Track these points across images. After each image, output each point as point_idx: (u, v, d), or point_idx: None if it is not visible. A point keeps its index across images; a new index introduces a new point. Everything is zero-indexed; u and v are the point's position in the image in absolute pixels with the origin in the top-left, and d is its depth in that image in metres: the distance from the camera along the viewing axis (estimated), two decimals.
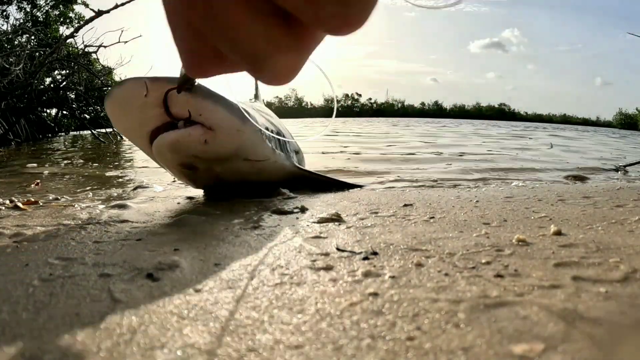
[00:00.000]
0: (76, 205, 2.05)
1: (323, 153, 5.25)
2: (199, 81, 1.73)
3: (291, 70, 0.34)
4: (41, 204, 2.10)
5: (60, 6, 13.09)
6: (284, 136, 2.47)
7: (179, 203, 2.09)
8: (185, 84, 1.67)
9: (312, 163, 3.46)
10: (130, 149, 7.18)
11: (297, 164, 2.65)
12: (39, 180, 3.02)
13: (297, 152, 2.97)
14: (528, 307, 0.83)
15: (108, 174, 3.92)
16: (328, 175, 3.03)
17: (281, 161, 2.33)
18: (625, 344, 0.70)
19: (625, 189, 2.42)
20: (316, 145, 6.16)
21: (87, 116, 12.78)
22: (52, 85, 11.51)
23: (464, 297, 0.89)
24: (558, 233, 1.38)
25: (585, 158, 5.45)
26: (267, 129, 2.24)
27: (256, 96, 3.66)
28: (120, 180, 3.44)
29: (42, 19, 12.52)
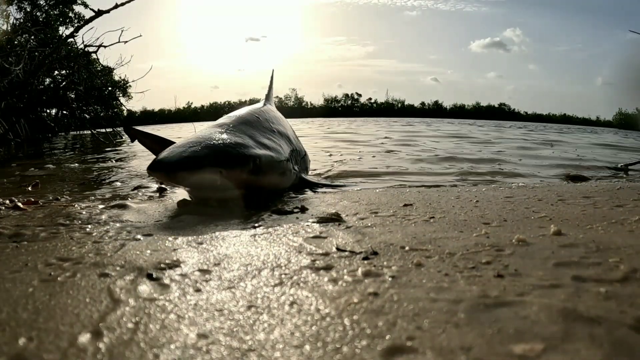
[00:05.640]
0: (76, 205, 2.04)
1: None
2: None
3: None
4: (41, 204, 2.10)
5: (60, 6, 13.07)
6: (291, 154, 2.63)
7: (178, 203, 2.09)
8: None
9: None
10: (130, 149, 7.17)
11: (303, 175, 2.71)
12: (38, 180, 3.02)
13: (304, 156, 3.01)
14: (528, 307, 0.83)
15: (108, 173, 3.92)
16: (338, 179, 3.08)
17: (286, 179, 2.46)
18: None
19: (625, 189, 2.42)
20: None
21: (87, 116, 12.78)
22: (52, 85, 11.50)
23: (464, 297, 0.89)
24: (558, 233, 1.38)
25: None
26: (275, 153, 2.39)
27: (268, 97, 3.65)
28: (120, 180, 3.44)
29: (42, 19, 12.50)
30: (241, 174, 1.98)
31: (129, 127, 3.07)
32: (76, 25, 11.77)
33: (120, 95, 13.30)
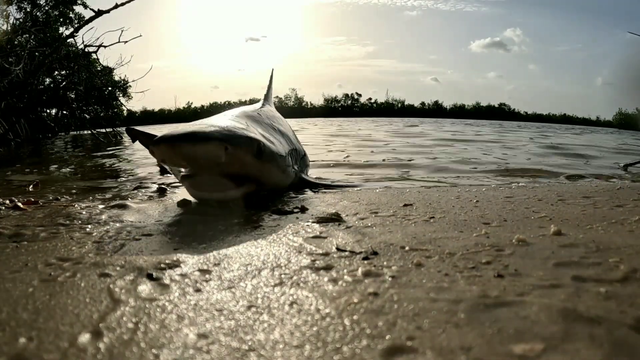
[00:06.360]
0: (76, 205, 2.04)
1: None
2: None
3: None
4: (41, 204, 2.10)
5: (60, 6, 13.07)
6: (291, 153, 2.63)
7: (178, 203, 2.09)
8: None
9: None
10: (129, 149, 7.17)
11: (303, 175, 2.72)
12: (37, 181, 3.02)
13: (303, 156, 3.02)
14: (528, 307, 0.83)
15: (108, 173, 3.92)
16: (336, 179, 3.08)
17: (286, 176, 2.46)
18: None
19: (625, 189, 2.42)
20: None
21: (87, 116, 12.80)
22: (52, 85, 11.50)
23: (464, 297, 0.89)
24: (558, 233, 1.38)
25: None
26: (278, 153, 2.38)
27: (267, 97, 3.65)
28: (120, 180, 3.44)
29: (42, 19, 12.50)
30: (245, 156, 1.96)
31: (130, 127, 3.08)
32: (76, 25, 11.77)
33: (120, 95, 13.32)
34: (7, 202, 2.06)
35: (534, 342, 0.70)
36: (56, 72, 11.75)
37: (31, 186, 2.82)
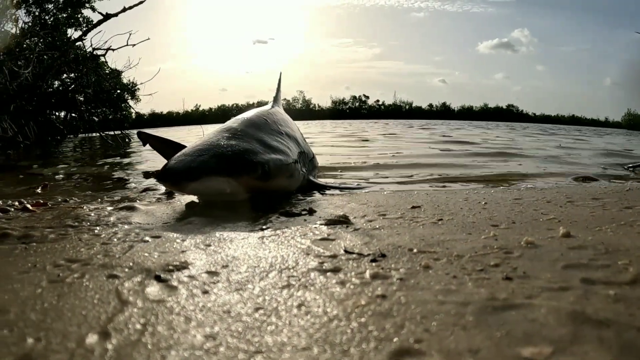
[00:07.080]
0: (85, 207, 2.06)
1: None
2: None
3: None
4: (50, 205, 2.12)
5: (69, 9, 13.17)
6: (299, 156, 2.63)
7: (186, 205, 2.10)
8: None
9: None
10: (138, 151, 7.20)
11: (311, 178, 2.73)
12: (46, 182, 3.04)
13: (311, 159, 3.03)
14: (536, 309, 0.83)
15: (116, 176, 3.94)
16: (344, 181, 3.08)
17: (294, 182, 2.48)
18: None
19: (634, 190, 2.40)
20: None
21: (96, 119, 12.88)
22: (60, 88, 11.58)
23: (472, 300, 0.89)
24: (567, 235, 1.37)
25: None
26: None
27: (276, 99, 3.67)
28: (128, 182, 3.46)
29: (50, 23, 12.60)
30: (249, 181, 2.01)
31: (141, 131, 3.13)
32: (84, 28, 11.85)
33: (129, 98, 13.39)
34: (16, 203, 2.08)
35: (543, 345, 0.70)
36: (65, 75, 11.82)
37: (40, 188, 2.83)
